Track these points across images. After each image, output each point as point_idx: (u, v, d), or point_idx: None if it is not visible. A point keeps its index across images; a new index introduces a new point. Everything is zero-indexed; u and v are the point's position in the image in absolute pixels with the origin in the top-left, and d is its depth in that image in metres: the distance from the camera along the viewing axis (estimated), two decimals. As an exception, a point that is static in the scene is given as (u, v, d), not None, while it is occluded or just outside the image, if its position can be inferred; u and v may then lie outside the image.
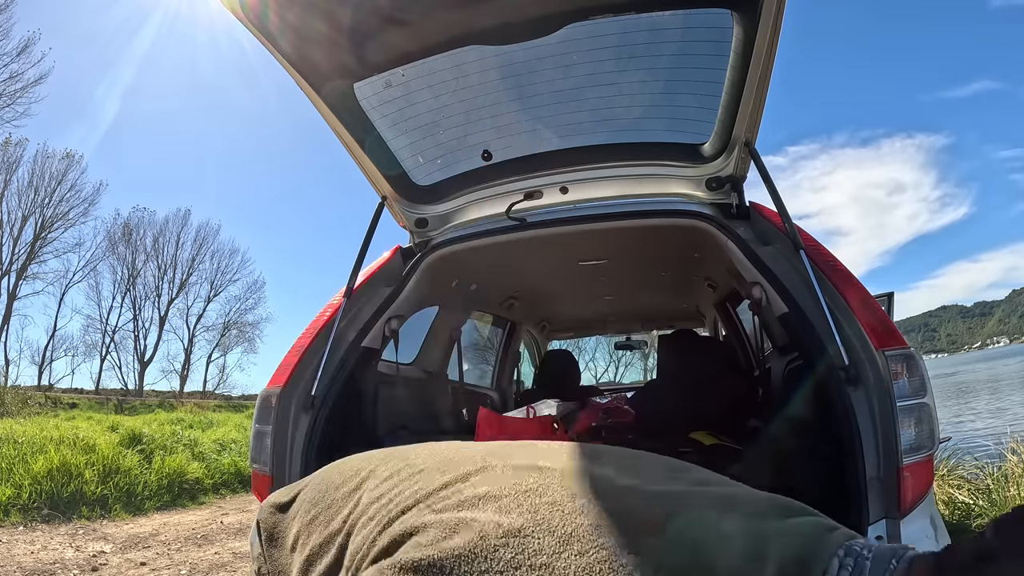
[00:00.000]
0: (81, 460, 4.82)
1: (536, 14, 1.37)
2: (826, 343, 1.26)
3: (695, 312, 4.22)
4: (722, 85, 1.50)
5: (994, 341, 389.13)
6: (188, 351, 30.13)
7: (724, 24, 1.36)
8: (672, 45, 1.50)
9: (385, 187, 1.82)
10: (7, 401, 11.04)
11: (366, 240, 1.83)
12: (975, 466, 3.31)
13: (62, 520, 4.17)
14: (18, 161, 24.23)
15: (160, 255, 29.45)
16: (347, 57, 1.42)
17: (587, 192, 1.89)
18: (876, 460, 1.13)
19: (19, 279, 24.53)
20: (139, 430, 6.26)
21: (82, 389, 25.39)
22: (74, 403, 15.60)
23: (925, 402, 1.15)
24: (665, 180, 1.79)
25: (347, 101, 1.54)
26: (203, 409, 15.44)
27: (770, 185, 1.55)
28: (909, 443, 1.12)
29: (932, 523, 1.12)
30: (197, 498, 5.55)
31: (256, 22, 1.26)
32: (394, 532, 0.56)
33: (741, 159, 1.64)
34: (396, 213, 1.93)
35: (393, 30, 1.39)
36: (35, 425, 6.63)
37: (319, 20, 1.30)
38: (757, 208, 1.66)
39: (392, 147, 1.73)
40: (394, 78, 1.54)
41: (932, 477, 1.15)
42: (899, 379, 1.15)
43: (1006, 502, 2.55)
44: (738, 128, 1.55)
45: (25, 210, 24.60)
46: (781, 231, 1.51)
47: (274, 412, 1.42)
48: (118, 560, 3.42)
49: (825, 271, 1.35)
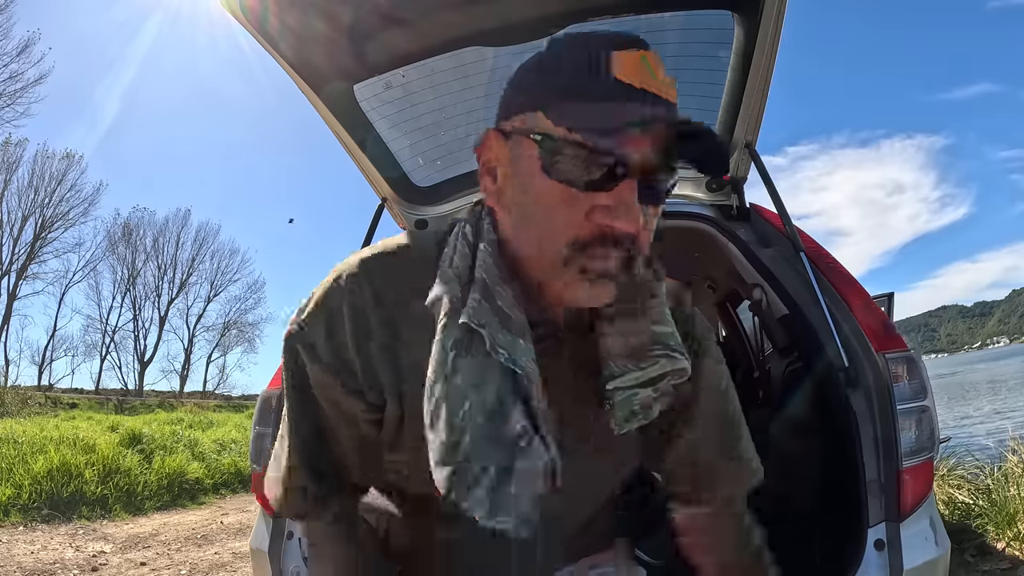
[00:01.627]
0: (81, 460, 4.82)
1: (537, 15, 1.36)
2: (826, 345, 1.26)
3: (695, 312, 4.23)
4: (723, 87, 1.50)
5: (994, 341, 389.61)
6: (188, 351, 30.14)
7: (725, 26, 1.36)
8: (673, 47, 1.50)
9: (385, 188, 1.82)
10: (7, 401, 11.04)
11: (366, 241, 1.83)
12: (975, 466, 3.31)
13: (62, 520, 4.17)
14: (18, 161, 24.21)
15: (160, 255, 29.45)
16: (347, 58, 1.42)
17: (587, 193, 1.89)
18: (876, 463, 1.13)
19: (19, 279, 24.53)
20: (139, 430, 6.27)
21: (82, 389, 25.39)
22: (74, 403, 15.60)
23: (925, 405, 1.15)
24: (665, 181, 1.79)
25: (347, 103, 1.53)
26: (203, 409, 15.44)
27: (771, 186, 1.55)
28: (909, 446, 1.12)
29: (932, 526, 1.12)
30: (197, 498, 5.56)
31: (256, 24, 1.25)
32: None
33: (742, 160, 1.64)
34: (396, 215, 1.93)
35: (393, 31, 1.39)
36: (35, 425, 6.63)
37: (319, 21, 1.30)
38: (757, 210, 1.66)
39: (392, 149, 1.73)
40: (394, 79, 1.53)
41: (932, 480, 1.15)
42: (899, 382, 1.15)
43: (1006, 502, 2.55)
44: (739, 129, 1.55)
45: (25, 210, 24.59)
46: (781, 233, 1.51)
47: (274, 414, 1.42)
48: (118, 560, 3.42)
49: (825, 273, 1.35)
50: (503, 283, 0.54)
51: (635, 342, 0.57)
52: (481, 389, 0.51)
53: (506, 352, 0.52)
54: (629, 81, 0.48)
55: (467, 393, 0.51)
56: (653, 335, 0.58)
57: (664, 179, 0.51)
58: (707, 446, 0.67)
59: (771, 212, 1.59)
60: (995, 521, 2.51)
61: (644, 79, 0.49)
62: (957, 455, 3.58)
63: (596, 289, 0.52)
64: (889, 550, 1.08)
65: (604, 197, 0.49)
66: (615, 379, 0.57)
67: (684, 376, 0.59)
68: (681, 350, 0.59)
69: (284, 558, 1.35)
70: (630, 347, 0.57)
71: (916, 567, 1.07)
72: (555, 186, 0.50)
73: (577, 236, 0.50)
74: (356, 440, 0.62)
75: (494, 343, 0.51)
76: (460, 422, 0.51)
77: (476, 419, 0.51)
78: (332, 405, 0.60)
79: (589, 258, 0.51)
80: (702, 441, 0.67)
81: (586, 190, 0.50)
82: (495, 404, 0.51)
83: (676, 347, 0.58)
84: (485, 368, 0.52)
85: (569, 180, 0.50)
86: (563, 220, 0.51)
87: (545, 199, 0.51)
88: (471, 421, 0.50)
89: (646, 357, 0.57)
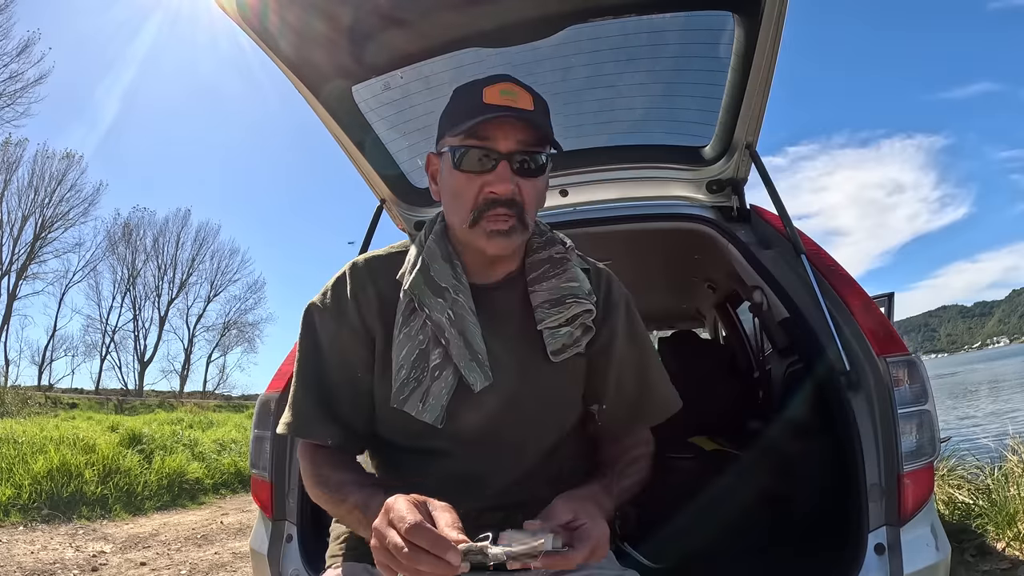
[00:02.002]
0: (81, 460, 4.82)
1: (536, 16, 1.36)
2: (827, 348, 1.25)
3: (695, 313, 4.22)
4: (723, 88, 1.49)
5: (994, 341, 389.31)
6: (188, 351, 30.16)
7: (726, 26, 1.35)
8: (673, 47, 1.50)
9: (384, 190, 1.81)
10: (7, 401, 11.04)
11: (365, 242, 1.82)
12: (975, 466, 3.30)
13: (62, 520, 4.17)
14: (18, 161, 24.22)
15: (160, 255, 29.47)
16: (346, 59, 1.41)
17: (587, 195, 1.88)
18: (877, 466, 1.12)
19: (19, 279, 24.53)
20: (139, 430, 6.26)
21: (82, 389, 25.40)
22: (74, 403, 15.61)
23: (926, 408, 1.15)
24: (666, 183, 1.79)
25: (345, 104, 1.53)
26: (203, 409, 15.45)
27: (771, 188, 1.55)
28: (910, 449, 1.12)
29: (932, 531, 1.11)
30: (197, 498, 5.56)
31: (255, 25, 1.25)
32: None
33: (742, 161, 1.64)
34: (395, 216, 1.92)
35: (392, 32, 1.38)
36: (35, 425, 6.63)
37: (318, 22, 1.29)
38: (758, 211, 1.66)
39: (391, 150, 1.72)
40: (393, 80, 1.53)
41: (933, 484, 1.15)
42: (900, 385, 1.15)
43: (1006, 502, 2.54)
44: (739, 131, 1.54)
45: (25, 210, 24.60)
46: (782, 234, 1.50)
47: (273, 417, 1.41)
48: (118, 560, 3.42)
49: (826, 275, 1.34)
50: (440, 261, 0.83)
51: (554, 294, 0.84)
52: (414, 338, 0.81)
53: (428, 311, 0.80)
54: (493, 102, 0.77)
55: (405, 342, 0.81)
56: (567, 288, 0.84)
57: (528, 159, 0.78)
58: (628, 378, 0.88)
59: (771, 213, 1.58)
60: (995, 521, 2.51)
61: (505, 100, 0.77)
62: (957, 455, 3.58)
63: (496, 241, 0.78)
64: (889, 554, 1.08)
65: (490, 176, 0.77)
66: (544, 321, 0.83)
67: (591, 315, 0.85)
68: (587, 297, 0.85)
69: (283, 561, 1.34)
70: (551, 298, 0.84)
71: (917, 571, 1.07)
72: (461, 175, 0.79)
73: (475, 203, 0.78)
74: (350, 383, 0.84)
75: (421, 305, 0.81)
76: (401, 359, 0.80)
77: (411, 357, 0.80)
78: (334, 352, 0.84)
79: (488, 220, 0.78)
80: (624, 374, 0.88)
81: (479, 174, 0.78)
82: (422, 346, 0.80)
83: (583, 296, 0.85)
84: (420, 324, 0.81)
85: (468, 169, 0.78)
86: (468, 195, 0.78)
87: (457, 185, 0.79)
88: (408, 359, 0.80)
89: (563, 303, 0.83)
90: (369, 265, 0.88)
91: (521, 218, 0.78)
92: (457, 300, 0.80)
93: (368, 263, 0.88)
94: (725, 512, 1.48)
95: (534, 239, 0.88)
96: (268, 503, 1.39)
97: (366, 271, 0.87)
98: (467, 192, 0.78)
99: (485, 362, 0.79)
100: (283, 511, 1.37)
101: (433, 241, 0.84)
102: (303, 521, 1.36)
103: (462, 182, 0.78)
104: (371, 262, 0.89)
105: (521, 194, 0.78)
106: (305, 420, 0.82)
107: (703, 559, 1.39)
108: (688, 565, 1.38)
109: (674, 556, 1.39)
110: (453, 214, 0.82)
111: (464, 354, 0.79)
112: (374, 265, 0.88)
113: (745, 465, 1.73)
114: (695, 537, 1.40)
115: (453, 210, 0.82)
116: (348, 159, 1.72)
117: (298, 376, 0.85)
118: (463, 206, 0.79)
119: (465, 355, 0.79)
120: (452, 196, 0.81)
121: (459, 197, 0.79)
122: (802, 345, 1.43)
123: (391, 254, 0.90)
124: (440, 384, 0.79)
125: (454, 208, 0.81)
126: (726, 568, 1.40)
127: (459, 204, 0.80)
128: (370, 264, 0.88)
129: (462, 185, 0.78)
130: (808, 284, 1.33)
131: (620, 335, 0.88)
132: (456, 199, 0.80)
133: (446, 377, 0.79)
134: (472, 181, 0.78)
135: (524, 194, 0.78)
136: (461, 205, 0.79)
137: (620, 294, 0.92)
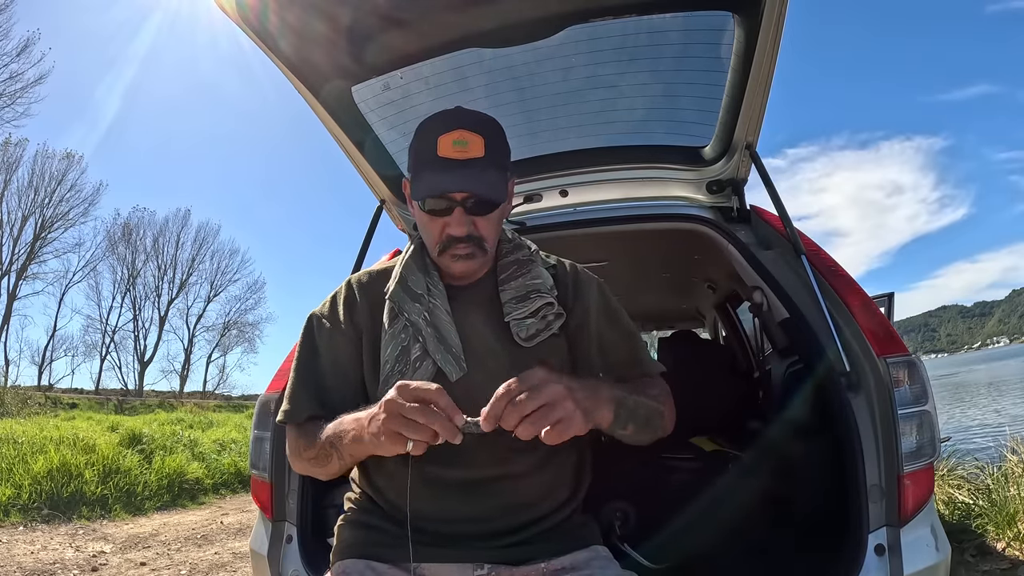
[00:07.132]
0: (81, 460, 4.82)
1: (536, 16, 1.35)
2: (827, 348, 1.25)
3: (695, 313, 4.22)
4: (723, 88, 1.49)
5: (994, 341, 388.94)
6: (188, 351, 30.17)
7: (725, 27, 1.35)
8: (673, 48, 1.49)
9: (383, 190, 1.81)
10: (7, 401, 11.04)
11: (365, 242, 1.82)
12: (975, 466, 3.30)
13: (62, 520, 4.17)
14: (18, 161, 24.24)
15: (160, 255, 29.49)
16: (345, 60, 1.41)
17: (587, 195, 1.89)
18: (877, 467, 1.12)
19: (19, 279, 24.54)
20: (139, 430, 6.26)
21: (82, 389, 25.40)
22: (74, 403, 15.61)
23: (926, 409, 1.15)
24: (665, 183, 1.79)
25: (345, 104, 1.53)
26: (203, 409, 15.45)
27: (771, 188, 1.54)
28: (910, 450, 1.12)
29: (933, 531, 1.11)
30: (197, 498, 5.56)
31: (255, 25, 1.25)
32: None
33: (742, 162, 1.63)
34: (395, 216, 1.92)
35: (392, 32, 1.38)
36: (35, 425, 6.63)
37: (318, 22, 1.29)
38: (758, 211, 1.65)
39: (390, 150, 1.72)
40: (392, 81, 1.52)
41: (933, 484, 1.14)
42: (900, 386, 1.15)
43: (1006, 502, 2.54)
44: (739, 131, 1.54)
45: (25, 210, 24.62)
46: (782, 235, 1.50)
47: (272, 418, 1.41)
48: (118, 560, 3.42)
49: (826, 276, 1.34)
50: (417, 272, 0.97)
51: (520, 292, 0.96)
52: (396, 336, 0.93)
53: (407, 315, 0.94)
54: (446, 155, 0.87)
55: (390, 341, 0.93)
56: (531, 286, 0.96)
57: (480, 204, 0.90)
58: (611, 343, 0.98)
59: (771, 214, 1.58)
60: (995, 521, 2.51)
61: (457, 151, 0.87)
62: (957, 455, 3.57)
63: (461, 265, 0.93)
64: (890, 555, 1.08)
65: (448, 219, 0.90)
66: (511, 314, 0.94)
67: (553, 307, 0.95)
68: (549, 292, 0.96)
69: (283, 562, 1.34)
70: (518, 295, 0.96)
71: (917, 572, 1.07)
72: (425, 215, 0.92)
73: (440, 240, 0.92)
74: (343, 378, 0.96)
75: (400, 310, 0.94)
76: (387, 356, 0.93)
77: (394, 354, 0.93)
78: (329, 353, 0.96)
79: (451, 251, 0.92)
80: (606, 339, 0.98)
81: (439, 216, 0.91)
82: (403, 343, 0.93)
83: (546, 291, 0.96)
84: (401, 326, 0.94)
85: (430, 212, 0.91)
86: (433, 232, 0.93)
87: (423, 221, 0.94)
88: (392, 355, 0.93)
89: (527, 299, 0.95)
90: (362, 281, 1.03)
91: (480, 246, 0.92)
92: (433, 303, 0.94)
93: (361, 279, 1.03)
94: (725, 513, 1.48)
95: (503, 245, 1.02)
96: (268, 504, 1.39)
97: (359, 286, 1.01)
98: (432, 229, 0.92)
99: (460, 354, 0.91)
100: (283, 512, 1.38)
101: (410, 256, 0.99)
102: (303, 522, 1.36)
103: (426, 221, 0.93)
104: (363, 278, 1.03)
105: (478, 229, 0.91)
106: (298, 408, 0.93)
107: (703, 560, 1.39)
108: (688, 566, 1.38)
109: (674, 556, 1.39)
110: (425, 240, 0.97)
111: (439, 347, 0.91)
112: (366, 280, 1.03)
113: (745, 466, 1.73)
114: (695, 538, 1.40)
115: (424, 237, 0.97)
116: (348, 159, 1.72)
117: (295, 372, 0.96)
118: (430, 239, 0.94)
119: (440, 348, 0.91)
120: (421, 228, 0.96)
121: (426, 231, 0.94)
122: (802, 345, 1.43)
123: (382, 270, 1.04)
124: (421, 373, 0.90)
125: (425, 236, 0.96)
126: (726, 569, 1.40)
127: (427, 236, 0.95)
128: (362, 280, 1.03)
129: (426, 223, 0.93)
130: (808, 284, 1.33)
131: (594, 309, 0.99)
132: (424, 232, 0.95)
133: (426, 367, 0.91)
134: (435, 222, 0.91)
135: (480, 229, 0.92)
136: (428, 238, 0.95)
137: (589, 278, 1.04)
